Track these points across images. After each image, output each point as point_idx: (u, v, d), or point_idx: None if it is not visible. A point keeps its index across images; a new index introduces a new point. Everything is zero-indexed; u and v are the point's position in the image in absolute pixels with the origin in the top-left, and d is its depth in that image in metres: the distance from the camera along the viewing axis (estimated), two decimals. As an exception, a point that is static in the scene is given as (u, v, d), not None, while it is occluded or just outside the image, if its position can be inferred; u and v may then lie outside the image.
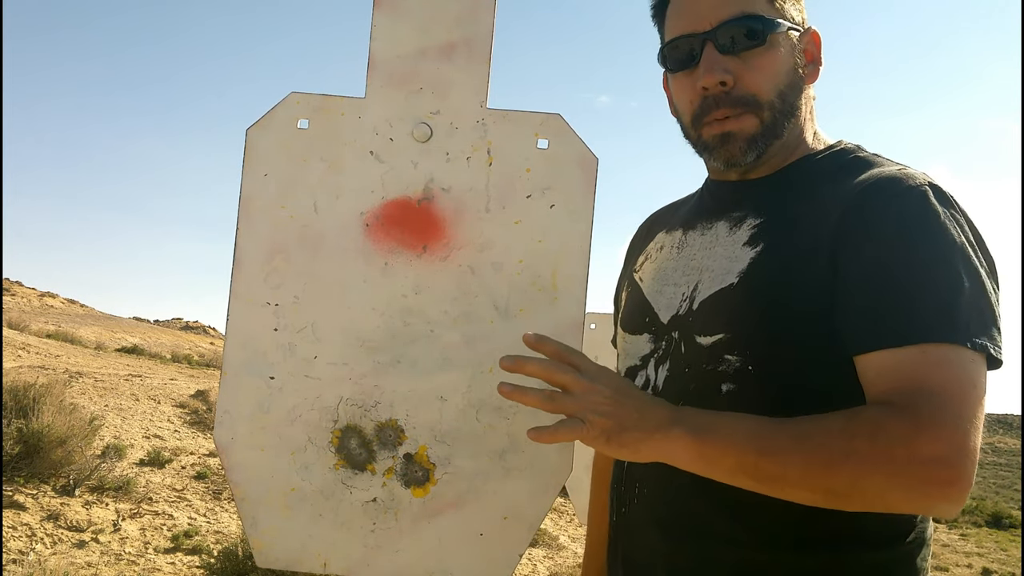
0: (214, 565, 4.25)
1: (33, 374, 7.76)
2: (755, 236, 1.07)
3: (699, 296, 1.10)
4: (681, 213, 1.29)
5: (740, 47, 1.06)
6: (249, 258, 1.20)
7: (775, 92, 1.07)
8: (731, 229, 1.11)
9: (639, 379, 1.20)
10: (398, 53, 1.22)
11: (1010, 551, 9.32)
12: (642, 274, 1.28)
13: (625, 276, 1.37)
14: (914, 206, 0.94)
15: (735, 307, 1.04)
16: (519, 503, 1.19)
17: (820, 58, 1.11)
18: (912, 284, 0.90)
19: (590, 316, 2.98)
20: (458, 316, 1.20)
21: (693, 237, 1.19)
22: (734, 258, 1.07)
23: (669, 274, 1.19)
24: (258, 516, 1.20)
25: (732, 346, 1.03)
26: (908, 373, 0.87)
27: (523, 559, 1.14)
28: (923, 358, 0.87)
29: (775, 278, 1.01)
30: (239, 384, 1.20)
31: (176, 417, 7.92)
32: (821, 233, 0.98)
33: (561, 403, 0.92)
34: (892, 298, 0.90)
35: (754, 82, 1.06)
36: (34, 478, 5.14)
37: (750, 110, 1.07)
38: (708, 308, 1.08)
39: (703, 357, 1.06)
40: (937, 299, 0.89)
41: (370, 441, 1.19)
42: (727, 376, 1.03)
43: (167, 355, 15.14)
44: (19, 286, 30.34)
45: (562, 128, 1.22)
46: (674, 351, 1.12)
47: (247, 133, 1.21)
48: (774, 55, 1.07)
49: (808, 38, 1.11)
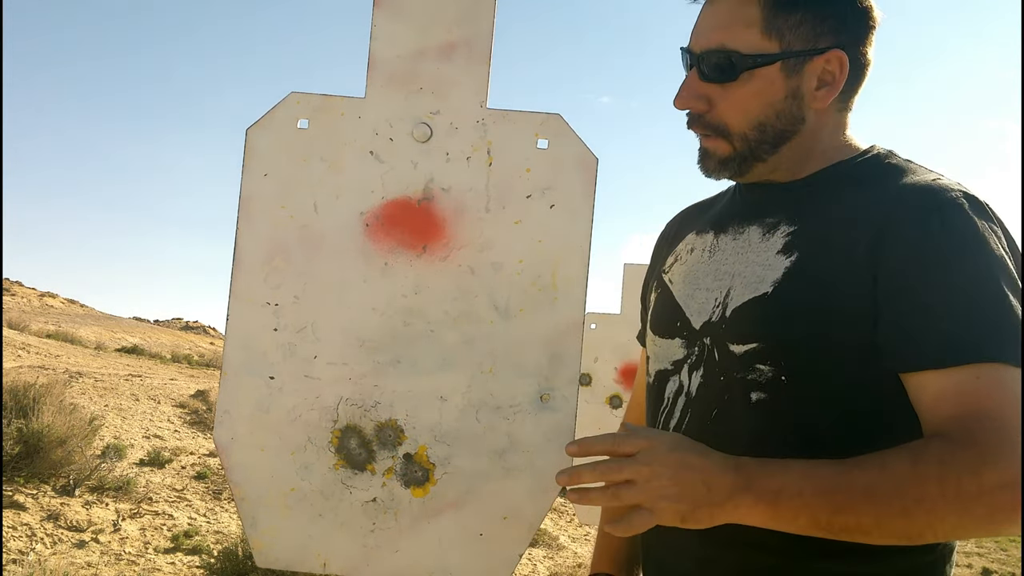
0: (214, 565, 4.25)
1: (33, 374, 7.76)
2: (789, 244, 1.06)
3: (732, 303, 1.10)
4: (711, 214, 1.28)
5: (715, 78, 1.06)
6: (249, 258, 1.20)
7: (748, 124, 1.07)
8: (764, 235, 1.11)
9: (672, 384, 1.19)
10: (398, 53, 1.22)
11: (1010, 551, 9.32)
12: (672, 276, 1.27)
13: (653, 276, 1.35)
14: (954, 220, 0.94)
15: (769, 317, 1.05)
16: (519, 503, 1.19)
17: (839, 81, 1.06)
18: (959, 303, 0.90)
19: (590, 316, 2.98)
20: (458, 316, 1.20)
21: (725, 241, 1.18)
22: (768, 266, 1.07)
23: (700, 278, 1.18)
24: (258, 516, 1.20)
25: (765, 356, 1.03)
26: (965, 397, 0.88)
27: (523, 559, 1.14)
28: (977, 379, 0.87)
29: (810, 290, 1.01)
30: (239, 384, 1.20)
31: (176, 417, 7.92)
32: (857, 245, 0.98)
33: (627, 497, 0.93)
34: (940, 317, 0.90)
35: (726, 113, 1.07)
36: (34, 478, 5.14)
37: (721, 136, 1.09)
38: (741, 316, 1.07)
39: (736, 365, 1.07)
40: (985, 317, 0.89)
41: (370, 441, 1.19)
42: (758, 385, 1.04)
43: (167, 355, 15.14)
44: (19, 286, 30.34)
45: (562, 128, 1.22)
46: (708, 358, 1.12)
47: (247, 133, 1.21)
48: (749, 90, 1.06)
49: (823, 61, 1.06)
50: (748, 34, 1.04)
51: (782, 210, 1.10)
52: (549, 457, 1.19)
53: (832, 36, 1.05)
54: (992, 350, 0.88)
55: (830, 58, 1.05)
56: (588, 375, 3.03)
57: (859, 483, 0.88)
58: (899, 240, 0.95)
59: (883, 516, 0.87)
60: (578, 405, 1.21)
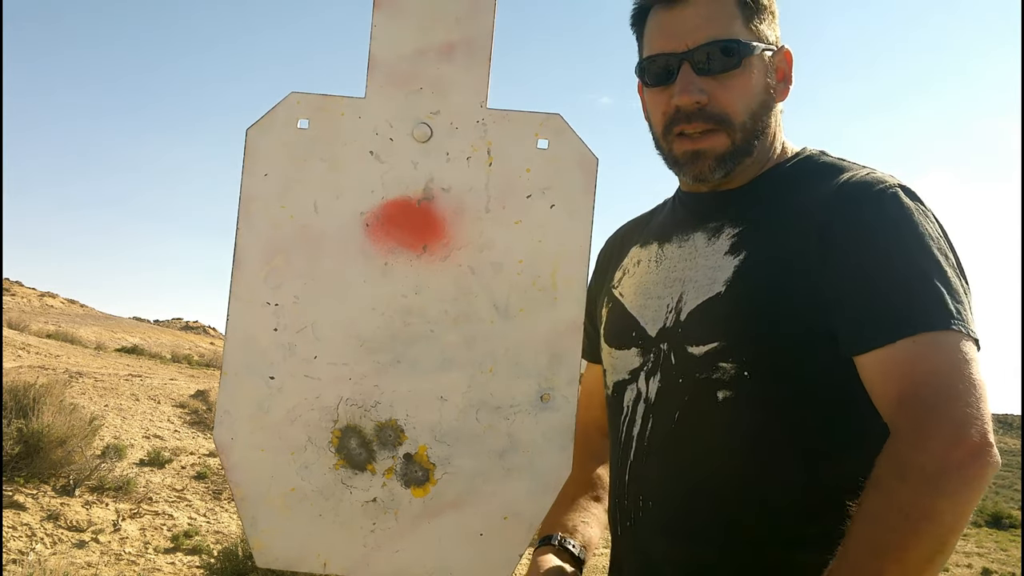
0: (214, 565, 4.25)
1: (33, 374, 7.76)
2: (736, 245, 1.08)
3: (685, 307, 1.11)
4: (651, 226, 1.30)
5: (716, 69, 1.08)
6: (249, 258, 1.20)
7: (747, 112, 1.10)
8: (709, 239, 1.12)
9: (629, 393, 1.20)
10: (398, 53, 1.22)
11: (1010, 551, 9.32)
12: (622, 289, 1.28)
13: (603, 292, 1.36)
14: (890, 207, 0.98)
15: (725, 315, 1.06)
16: (519, 503, 1.19)
17: (791, 76, 1.12)
18: (897, 282, 0.94)
19: (590, 316, 2.98)
20: (458, 316, 1.20)
21: (670, 249, 1.20)
22: (717, 267, 1.08)
23: (651, 288, 1.20)
24: (258, 516, 1.20)
25: (726, 354, 1.04)
26: (905, 368, 0.90)
27: (523, 559, 1.15)
28: (915, 349, 0.90)
29: (762, 284, 1.03)
30: (239, 384, 1.20)
31: (176, 417, 7.92)
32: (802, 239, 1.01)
33: None
34: (881, 297, 0.94)
35: (728, 102, 1.09)
36: (34, 478, 5.14)
37: (722, 128, 1.10)
38: (697, 318, 1.09)
39: (696, 366, 1.07)
40: (921, 290, 0.93)
41: (370, 441, 1.19)
42: (723, 383, 1.05)
43: (167, 355, 15.13)
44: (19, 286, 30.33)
45: (562, 128, 1.22)
46: (664, 362, 1.13)
47: (247, 133, 1.21)
48: (748, 76, 1.09)
49: (780, 57, 1.13)
50: (736, 25, 1.08)
51: (723, 214, 1.13)
52: (549, 457, 1.19)
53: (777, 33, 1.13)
54: (930, 320, 0.91)
55: (785, 54, 1.12)
56: (588, 375, 3.03)
57: (864, 561, 0.87)
58: (840, 232, 0.98)
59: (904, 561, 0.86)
60: (578, 405, 1.22)
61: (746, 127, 1.10)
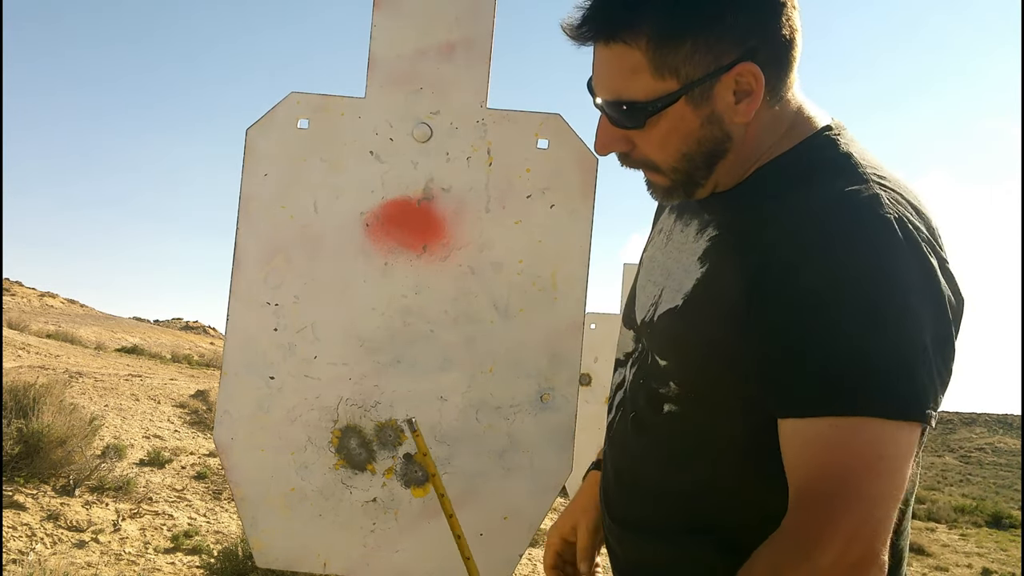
0: (214, 565, 4.25)
1: (33, 374, 7.76)
2: (706, 253, 1.04)
3: (660, 308, 1.09)
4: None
5: (626, 125, 1.00)
6: (249, 258, 1.20)
7: (675, 158, 1.01)
8: (697, 234, 1.09)
9: (618, 375, 1.20)
10: (398, 53, 1.22)
11: (1010, 551, 9.33)
12: (643, 257, 1.25)
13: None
14: (836, 261, 0.89)
15: (676, 336, 1.05)
16: (519, 503, 1.19)
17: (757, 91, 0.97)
18: (830, 353, 0.87)
19: (590, 316, 2.98)
20: (458, 316, 1.20)
21: (677, 230, 1.15)
22: (687, 272, 1.06)
23: (653, 268, 1.17)
24: (258, 516, 1.20)
25: (674, 374, 1.04)
26: (816, 452, 0.88)
27: (523, 559, 1.15)
28: (832, 433, 0.86)
29: (702, 317, 1.00)
30: (239, 384, 1.20)
31: (176, 417, 7.92)
32: (744, 274, 0.94)
33: None
34: (811, 363, 0.88)
35: (650, 151, 1.01)
36: (34, 478, 5.14)
37: (653, 171, 1.03)
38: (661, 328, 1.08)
39: (655, 375, 1.08)
40: (859, 368, 0.86)
41: (370, 441, 1.19)
42: (669, 398, 1.05)
43: (167, 355, 15.14)
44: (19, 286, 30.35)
45: (562, 128, 1.22)
46: (641, 359, 1.13)
47: (247, 133, 1.21)
48: (661, 130, 0.99)
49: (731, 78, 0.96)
50: (639, 81, 0.96)
51: (716, 211, 1.07)
52: (549, 457, 1.19)
53: (735, 47, 0.95)
54: (853, 402, 0.85)
55: (741, 72, 0.96)
56: (588, 375, 3.03)
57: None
58: (777, 280, 0.91)
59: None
60: (578, 405, 1.22)
61: (678, 168, 1.02)
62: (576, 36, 0.97)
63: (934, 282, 0.89)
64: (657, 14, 0.92)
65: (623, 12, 0.92)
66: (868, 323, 0.87)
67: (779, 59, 0.99)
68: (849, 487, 0.85)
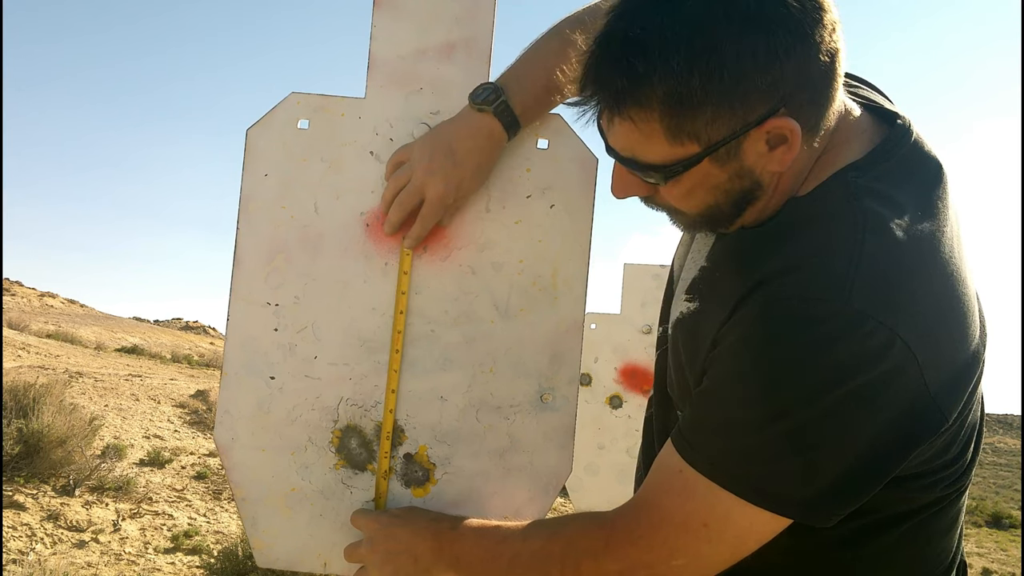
0: (214, 565, 4.25)
1: (33, 374, 7.76)
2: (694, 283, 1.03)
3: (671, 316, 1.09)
4: None
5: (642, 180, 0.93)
6: (249, 258, 1.20)
7: (699, 209, 0.94)
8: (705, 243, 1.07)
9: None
10: (398, 53, 1.22)
11: (1010, 551, 9.33)
12: (675, 256, 1.21)
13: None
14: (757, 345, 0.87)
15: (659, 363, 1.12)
16: (519, 503, 1.19)
17: (793, 141, 0.87)
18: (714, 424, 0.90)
19: (590, 316, 2.98)
20: (458, 316, 1.20)
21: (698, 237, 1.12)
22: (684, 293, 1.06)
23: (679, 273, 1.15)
24: (258, 516, 1.20)
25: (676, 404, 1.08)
26: (659, 479, 0.93)
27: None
28: (675, 477, 0.91)
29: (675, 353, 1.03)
30: (239, 384, 1.20)
31: (176, 417, 7.92)
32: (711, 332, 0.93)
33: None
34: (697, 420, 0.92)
35: (672, 200, 0.94)
36: (34, 478, 5.14)
37: (676, 215, 0.98)
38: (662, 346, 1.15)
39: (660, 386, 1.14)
40: (720, 442, 0.88)
41: (370, 441, 1.19)
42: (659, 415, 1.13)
43: (167, 355, 15.13)
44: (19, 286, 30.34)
45: (562, 128, 1.22)
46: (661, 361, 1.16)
47: (247, 133, 1.21)
48: (683, 187, 0.91)
49: (761, 133, 0.87)
50: (656, 146, 0.87)
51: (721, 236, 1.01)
52: (549, 457, 1.19)
53: (764, 100, 0.84)
54: (703, 464, 0.88)
55: (772, 127, 0.86)
56: (588, 375, 3.03)
57: (507, 554, 0.99)
58: (722, 347, 0.91)
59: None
60: (578, 405, 1.22)
61: (703, 216, 0.95)
62: (583, 112, 0.89)
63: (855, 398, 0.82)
64: (667, 84, 0.82)
65: (629, 86, 0.83)
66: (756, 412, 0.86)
67: (817, 94, 0.88)
68: (667, 529, 0.90)
